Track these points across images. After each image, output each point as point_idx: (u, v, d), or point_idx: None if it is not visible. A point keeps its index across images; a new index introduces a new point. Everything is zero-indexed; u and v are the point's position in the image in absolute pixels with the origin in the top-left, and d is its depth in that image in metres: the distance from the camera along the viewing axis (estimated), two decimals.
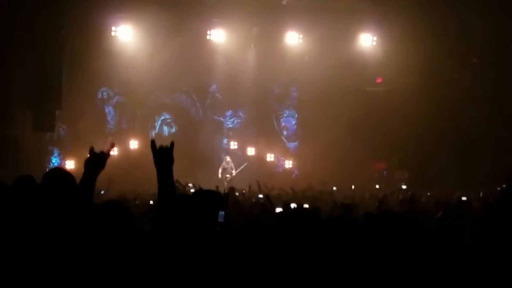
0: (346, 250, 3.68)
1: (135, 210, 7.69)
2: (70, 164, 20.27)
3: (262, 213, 9.00)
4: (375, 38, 23.18)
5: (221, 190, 14.35)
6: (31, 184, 4.16)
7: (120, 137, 22.64)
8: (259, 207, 9.54)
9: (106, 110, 23.54)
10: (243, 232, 3.93)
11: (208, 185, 11.54)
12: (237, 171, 22.60)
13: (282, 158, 24.38)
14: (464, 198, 11.56)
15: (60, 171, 4.25)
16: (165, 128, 24.38)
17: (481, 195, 13.73)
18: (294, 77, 23.87)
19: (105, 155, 4.24)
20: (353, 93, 22.84)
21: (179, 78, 23.42)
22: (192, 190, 13.27)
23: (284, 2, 22.36)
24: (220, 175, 22.34)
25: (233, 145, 24.26)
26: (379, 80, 23.77)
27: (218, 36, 22.81)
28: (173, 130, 24.37)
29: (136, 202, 11.71)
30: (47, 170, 4.27)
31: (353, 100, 22.56)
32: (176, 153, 4.00)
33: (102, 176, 4.30)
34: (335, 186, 17.26)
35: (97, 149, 4.29)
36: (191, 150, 22.81)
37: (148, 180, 22.85)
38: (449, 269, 3.70)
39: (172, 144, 3.98)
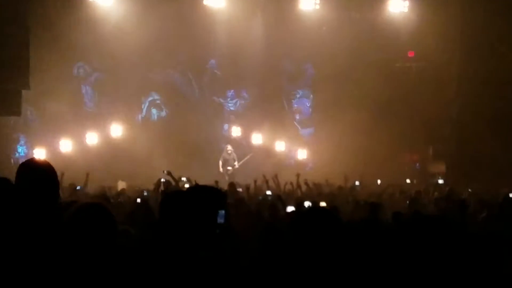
0: (370, 258, 3.67)
1: (118, 210, 7.73)
2: (39, 154, 20.32)
3: (271, 215, 9.02)
4: (406, 3, 23.05)
5: (222, 185, 14.40)
6: (6, 188, 3.99)
7: (100, 122, 22.68)
8: (267, 206, 9.55)
9: (83, 90, 23.55)
10: (249, 239, 3.93)
11: (205, 180, 11.55)
12: (241, 162, 22.62)
13: (294, 147, 24.40)
14: None
15: (39, 165, 4.17)
16: (154, 111, 24.39)
17: None
18: (309, 50, 23.80)
19: None
20: (380, 70, 22.75)
21: (170, 51, 23.39)
22: (187, 186, 13.32)
23: None
24: (220, 168, 22.36)
25: (236, 131, 24.26)
26: (411, 54, 23.67)
27: (217, 1, 22.75)
28: (163, 113, 24.37)
29: (119, 200, 11.75)
30: (21, 163, 4.21)
31: (380, 79, 22.47)
32: (167, 142, 3.98)
33: (79, 168, 4.28)
34: (357, 181, 17.27)
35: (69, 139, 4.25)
36: (185, 137, 22.83)
37: (133, 173, 22.98)
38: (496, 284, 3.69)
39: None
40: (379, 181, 18.12)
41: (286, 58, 24.42)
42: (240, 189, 14.26)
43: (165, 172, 13.52)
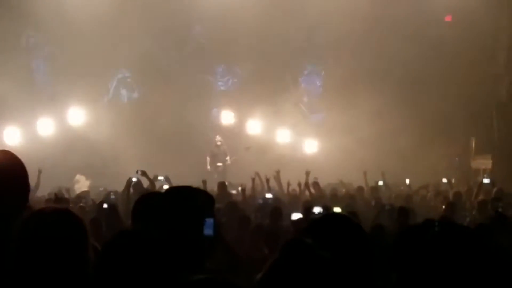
0: (398, 276, 3.65)
1: None
2: None
3: (273, 223, 9.01)
4: None
5: (210, 186, 14.39)
6: None
7: (56, 106, 22.64)
8: (267, 213, 9.54)
9: (34, 64, 23.52)
10: (246, 255, 3.91)
11: (189, 179, 11.50)
12: (234, 157, 22.61)
13: (301, 137, 24.38)
14: None
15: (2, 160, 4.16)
16: (124, 92, 24.40)
17: None
18: (320, 14, 23.76)
19: None
20: (409, 39, 22.72)
21: (143, 16, 23.35)
22: (165, 187, 13.29)
23: None
24: (208, 165, 22.36)
25: (227, 117, 24.24)
26: (448, 19, 23.63)
27: None
28: (135, 94, 24.39)
29: (81, 205, 11.74)
30: None
31: (409, 50, 22.44)
32: (140, 130, 3.96)
33: (28, 164, 4.23)
34: (381, 180, 17.28)
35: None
36: (163, 125, 22.79)
37: (97, 170, 23.00)
38: None
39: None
40: (408, 181, 18.12)
41: (290, 23, 24.33)
42: (233, 191, 14.25)
43: (138, 172, 13.52)
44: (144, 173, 13.50)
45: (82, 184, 19.02)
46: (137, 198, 4.63)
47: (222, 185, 14.12)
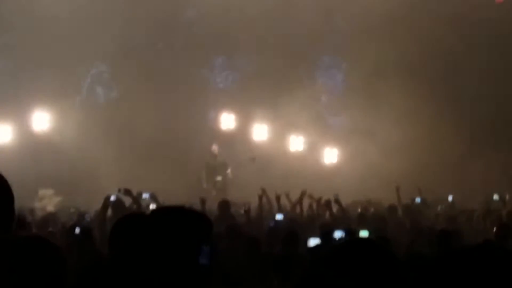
0: None
1: None
2: None
3: (286, 250, 9.00)
4: None
5: (208, 205, 14.36)
6: None
7: (16, 108, 22.66)
8: (279, 238, 9.54)
9: None
10: None
11: (180, 197, 11.54)
12: (235, 169, 22.64)
13: (319, 145, 24.41)
14: None
15: None
16: (100, 91, 24.43)
17: None
18: None
19: None
20: (452, 24, 22.75)
21: None
22: (152, 206, 13.29)
23: None
24: (204, 180, 22.38)
25: (228, 121, 24.28)
26: (500, 0, 23.68)
27: None
28: (114, 93, 24.41)
29: (49, 230, 11.75)
30: None
31: (451, 37, 22.48)
32: (120, 137, 3.97)
33: None
34: (417, 197, 17.27)
35: None
36: (148, 131, 22.82)
37: (67, 186, 22.98)
38: None
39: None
40: (450, 197, 18.14)
41: (304, 4, 24.39)
42: (236, 212, 14.24)
43: (121, 191, 13.45)
44: (128, 192, 13.41)
45: (47, 202, 19.04)
46: (116, 221, 4.62)
47: (224, 205, 14.01)
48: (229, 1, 23.48)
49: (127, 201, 13.52)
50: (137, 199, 13.56)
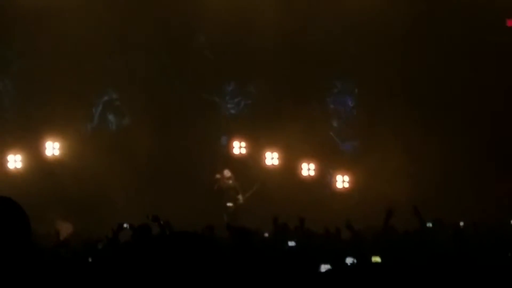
0: None
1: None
2: None
3: (300, 278, 8.97)
4: None
5: (219, 231, 14.32)
6: None
7: (27, 136, 22.68)
8: (292, 264, 9.52)
9: (0, 86, 23.62)
10: None
11: (190, 223, 11.52)
12: (247, 195, 22.62)
13: (331, 170, 24.37)
14: None
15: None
16: (111, 118, 24.45)
17: None
18: (352, 19, 23.84)
19: None
20: (464, 47, 22.75)
21: (135, 24, 23.50)
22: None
23: None
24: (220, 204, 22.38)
25: (239, 146, 24.27)
26: (511, 24, 23.68)
27: None
28: (126, 121, 24.41)
29: (63, 255, 11.75)
30: None
31: (464, 60, 22.48)
32: (131, 164, 4.00)
33: None
34: (430, 222, 17.20)
35: None
36: (160, 157, 22.83)
37: (79, 213, 22.88)
38: None
39: None
40: (462, 224, 18.05)
41: (314, 30, 24.40)
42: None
43: (149, 217, 13.24)
44: (156, 219, 13.20)
45: (63, 228, 19.01)
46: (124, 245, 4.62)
47: (236, 231, 13.94)
48: (239, 28, 23.50)
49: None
50: (164, 226, 13.44)
